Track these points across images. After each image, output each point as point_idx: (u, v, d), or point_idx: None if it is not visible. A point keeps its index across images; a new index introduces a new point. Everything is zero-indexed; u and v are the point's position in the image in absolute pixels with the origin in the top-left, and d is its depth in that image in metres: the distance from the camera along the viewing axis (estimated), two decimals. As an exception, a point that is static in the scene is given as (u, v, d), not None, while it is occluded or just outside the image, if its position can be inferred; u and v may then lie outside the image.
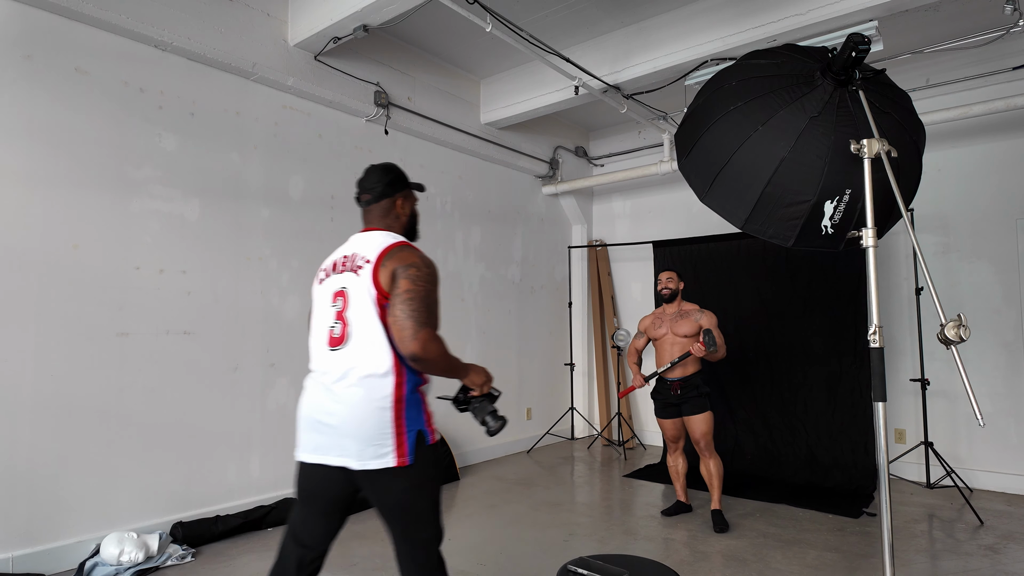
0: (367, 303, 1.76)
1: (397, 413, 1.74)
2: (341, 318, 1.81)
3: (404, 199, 2.00)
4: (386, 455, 1.71)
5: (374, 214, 1.98)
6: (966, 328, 1.53)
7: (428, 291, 1.76)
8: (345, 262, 1.88)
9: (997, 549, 3.32)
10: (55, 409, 3.01)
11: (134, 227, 3.34)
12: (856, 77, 1.83)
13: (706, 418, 3.74)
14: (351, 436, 1.73)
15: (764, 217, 1.91)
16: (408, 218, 2.02)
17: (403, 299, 1.71)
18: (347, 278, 1.84)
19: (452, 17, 4.24)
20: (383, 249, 1.82)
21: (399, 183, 1.99)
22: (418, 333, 1.68)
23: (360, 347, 1.76)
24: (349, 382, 1.76)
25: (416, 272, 1.76)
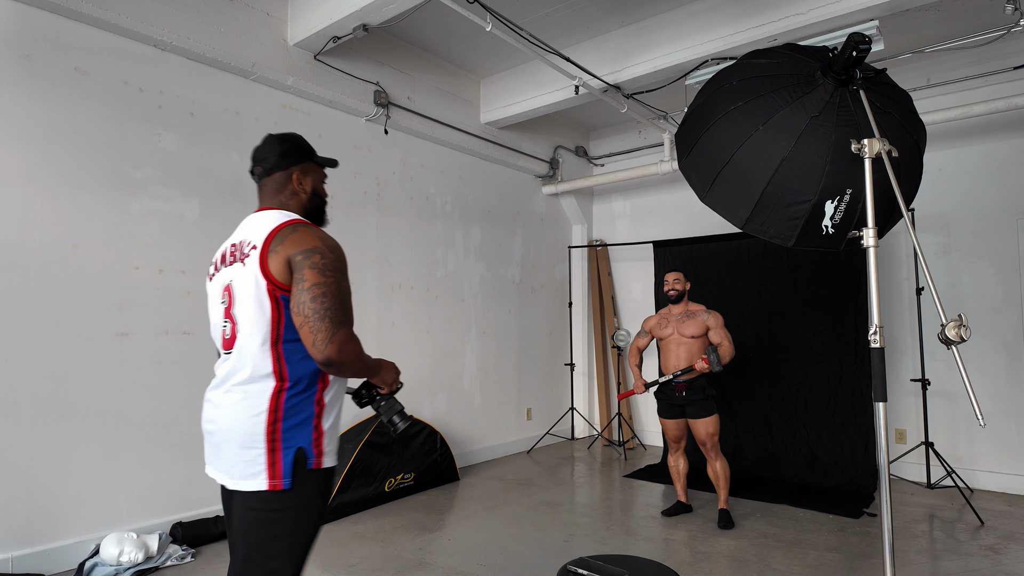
0: (253, 296, 1.49)
1: (271, 424, 1.46)
2: (229, 316, 1.55)
3: (303, 173, 1.68)
4: (258, 475, 1.45)
5: (267, 190, 1.67)
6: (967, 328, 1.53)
7: (339, 281, 1.50)
8: (233, 252, 1.59)
9: (998, 549, 3.32)
10: (55, 409, 3.01)
11: (134, 227, 3.33)
12: (857, 77, 1.82)
13: (712, 420, 3.72)
14: (225, 450, 1.50)
15: (765, 217, 1.91)
16: (309, 197, 1.69)
17: (312, 295, 1.45)
18: (234, 270, 1.56)
19: (452, 16, 4.24)
20: (271, 230, 1.53)
21: (297, 153, 1.67)
22: (334, 335, 1.43)
23: (243, 349, 1.50)
24: (226, 388, 1.52)
25: (322, 260, 1.48)
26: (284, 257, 1.48)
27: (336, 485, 3.79)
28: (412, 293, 4.90)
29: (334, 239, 1.57)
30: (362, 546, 3.36)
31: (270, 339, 1.49)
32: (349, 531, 3.59)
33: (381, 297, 4.65)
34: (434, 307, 5.09)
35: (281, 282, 1.48)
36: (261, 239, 1.52)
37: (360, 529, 3.63)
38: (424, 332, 4.99)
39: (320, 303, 1.45)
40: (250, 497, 1.47)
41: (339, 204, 4.37)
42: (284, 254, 1.48)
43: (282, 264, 1.48)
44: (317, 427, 1.52)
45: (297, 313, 1.46)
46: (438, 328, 5.12)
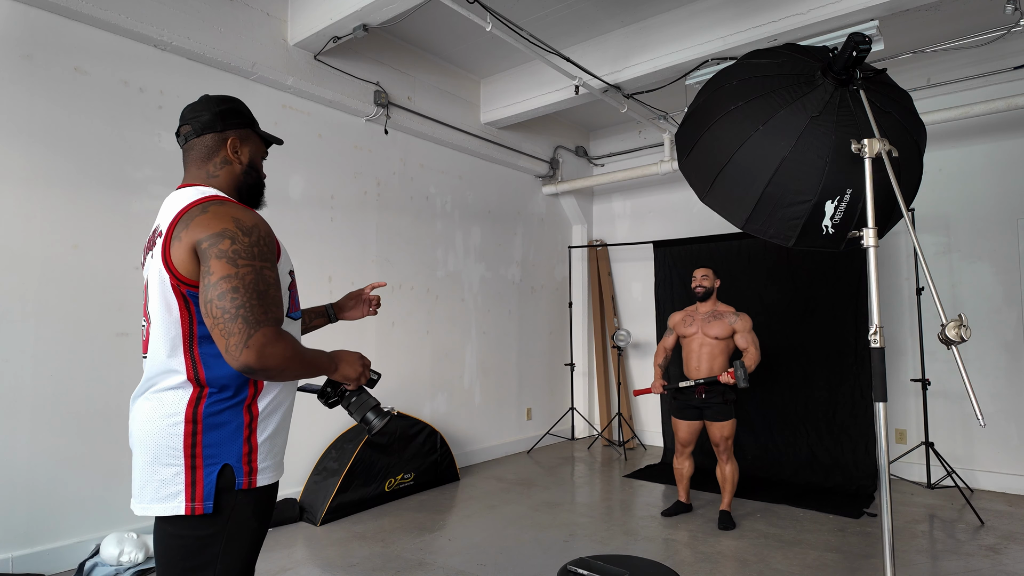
0: (159, 292, 1.26)
1: (190, 437, 1.24)
2: (145, 314, 1.33)
3: (240, 140, 1.42)
4: (175, 497, 1.23)
5: (193, 156, 1.39)
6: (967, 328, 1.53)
7: (257, 271, 1.22)
8: (149, 241, 1.36)
9: (998, 549, 3.32)
10: (55, 409, 3.01)
11: (134, 227, 3.33)
12: (857, 77, 1.82)
13: (730, 424, 3.67)
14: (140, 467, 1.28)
15: (765, 217, 1.91)
16: (244, 170, 1.43)
17: (220, 291, 1.18)
18: (148, 262, 1.34)
19: (452, 16, 4.24)
20: (178, 211, 1.27)
21: (234, 116, 1.41)
22: (251, 338, 1.17)
23: (153, 350, 1.29)
24: (143, 397, 1.31)
25: (232, 245, 1.21)
26: (189, 244, 1.22)
27: (336, 485, 3.79)
28: (412, 293, 4.90)
29: (257, 216, 1.31)
30: (362, 546, 3.36)
31: (182, 341, 1.26)
32: (349, 531, 3.59)
33: (381, 297, 4.65)
34: (434, 307, 5.09)
35: (186, 276, 1.23)
36: (167, 224, 1.27)
37: (360, 529, 3.63)
38: (424, 332, 4.99)
39: (230, 300, 1.18)
40: (169, 522, 1.25)
41: (339, 204, 4.37)
42: (189, 241, 1.22)
43: (187, 253, 1.22)
44: (249, 439, 1.29)
45: (206, 314, 1.20)
46: (438, 328, 5.12)
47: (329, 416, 4.19)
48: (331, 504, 3.74)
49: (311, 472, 4.00)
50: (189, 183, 1.37)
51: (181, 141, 1.41)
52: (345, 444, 4.06)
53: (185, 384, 1.26)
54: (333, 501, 3.76)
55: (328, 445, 4.14)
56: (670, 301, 5.55)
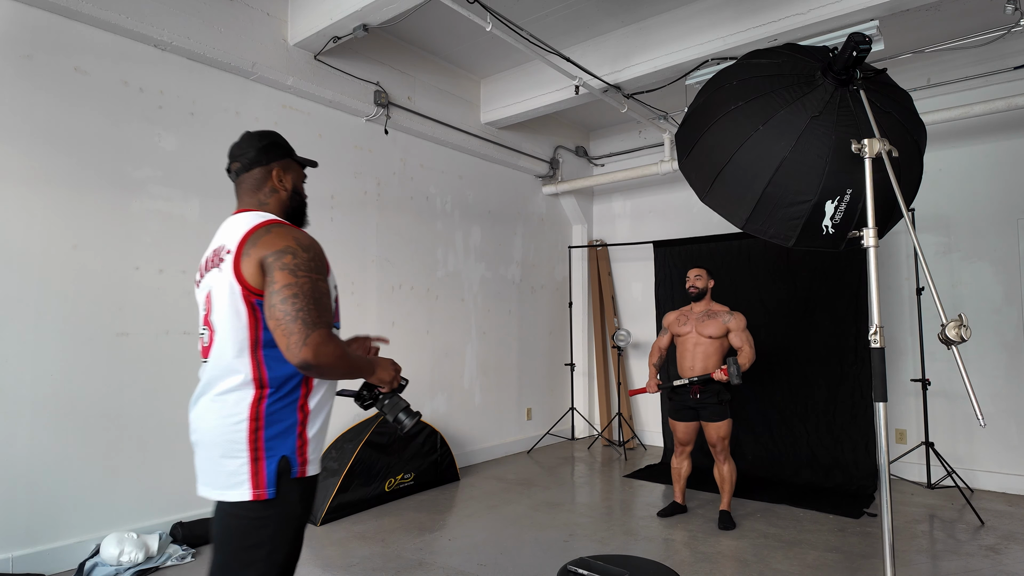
0: (228, 303, 1.45)
1: (252, 433, 1.42)
2: (207, 323, 1.52)
3: (283, 170, 1.62)
4: (241, 484, 1.41)
5: (244, 187, 1.61)
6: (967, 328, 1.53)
7: (313, 282, 1.43)
8: (213, 257, 1.54)
9: (998, 549, 3.32)
10: (55, 409, 3.01)
11: (134, 227, 3.33)
12: (857, 77, 1.82)
13: (725, 424, 3.67)
14: (207, 460, 1.46)
15: (765, 217, 1.91)
16: (290, 195, 1.64)
17: (282, 296, 1.38)
18: (212, 276, 1.52)
19: (452, 16, 4.24)
20: (245, 232, 1.47)
21: (276, 149, 1.62)
22: (308, 337, 1.36)
23: (221, 357, 1.46)
24: (207, 398, 1.48)
25: (293, 260, 1.42)
26: (256, 260, 1.43)
27: (336, 485, 3.79)
28: (412, 293, 4.90)
29: (311, 238, 1.51)
30: (362, 546, 3.36)
31: (248, 345, 1.44)
32: (349, 531, 3.59)
33: (381, 297, 4.65)
34: (434, 307, 5.09)
35: (255, 287, 1.43)
36: (235, 243, 1.47)
37: (360, 529, 3.63)
38: (424, 332, 4.99)
39: (292, 304, 1.38)
40: (232, 507, 1.43)
41: (339, 204, 4.37)
42: (256, 256, 1.43)
43: (255, 267, 1.43)
44: (301, 435, 1.47)
45: (270, 316, 1.40)
46: (438, 328, 5.12)
47: (329, 416, 4.18)
48: (331, 504, 3.74)
49: (311, 472, 4.00)
50: (245, 209, 1.60)
51: (232, 176, 1.63)
52: (345, 444, 4.06)
53: (248, 384, 1.44)
54: (333, 501, 3.76)
55: (328, 445, 4.14)
56: (670, 301, 5.55)
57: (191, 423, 1.53)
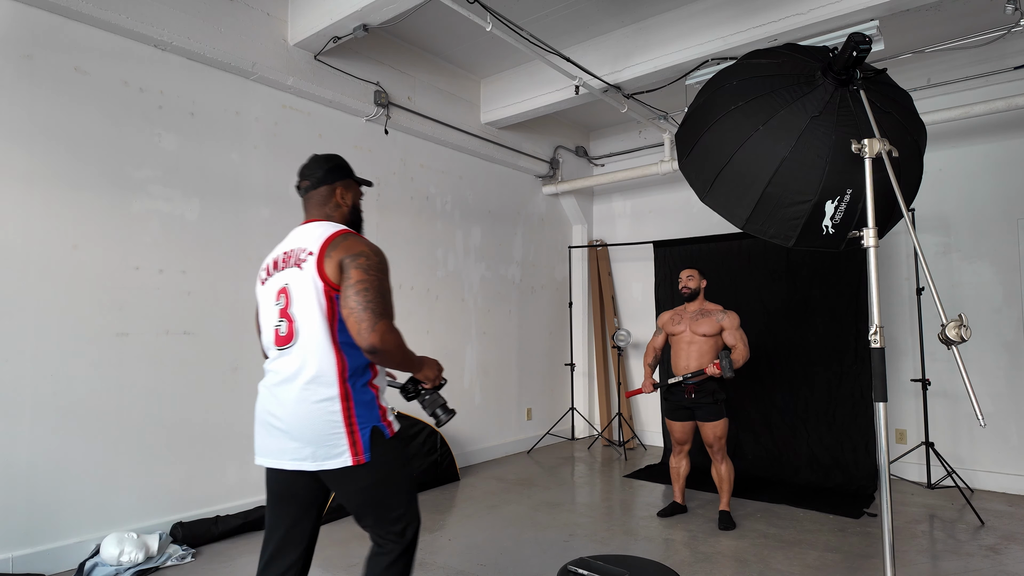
0: (312, 297, 1.69)
1: (346, 411, 1.69)
2: (286, 315, 1.74)
3: (345, 188, 1.92)
4: (341, 455, 1.69)
5: (313, 202, 1.89)
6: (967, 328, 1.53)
7: (381, 280, 1.69)
8: (287, 258, 1.80)
9: (998, 550, 3.32)
10: (55, 409, 3.01)
11: (134, 227, 3.33)
12: (857, 77, 1.82)
13: (721, 424, 3.67)
14: (303, 439, 1.69)
15: (765, 217, 1.91)
16: (350, 210, 1.94)
17: (356, 290, 1.64)
18: (290, 274, 1.76)
19: (452, 16, 4.23)
20: (326, 238, 1.74)
21: (339, 171, 1.92)
22: (376, 324, 1.62)
23: (306, 345, 1.70)
24: (296, 384, 1.70)
25: (366, 261, 1.69)
26: (337, 261, 1.69)
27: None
28: (412, 293, 4.90)
29: (378, 246, 1.77)
30: (362, 546, 3.36)
31: (331, 335, 1.69)
32: (349, 531, 3.59)
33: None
34: (434, 307, 5.09)
35: (335, 283, 1.68)
36: (317, 246, 1.73)
37: (360, 529, 3.62)
38: (424, 332, 4.99)
39: (364, 296, 1.64)
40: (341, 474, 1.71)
41: (339, 204, 4.37)
42: (337, 258, 1.69)
43: (335, 267, 1.69)
44: (379, 406, 1.76)
45: (344, 306, 1.66)
46: (438, 328, 5.12)
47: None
48: (331, 504, 3.74)
49: (311, 472, 4.00)
50: (315, 219, 1.88)
51: (301, 192, 1.91)
52: (345, 444, 4.06)
53: (334, 368, 1.69)
54: (333, 501, 3.76)
55: (328, 445, 4.14)
56: (670, 301, 5.54)
57: (269, 406, 1.76)
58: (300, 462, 1.71)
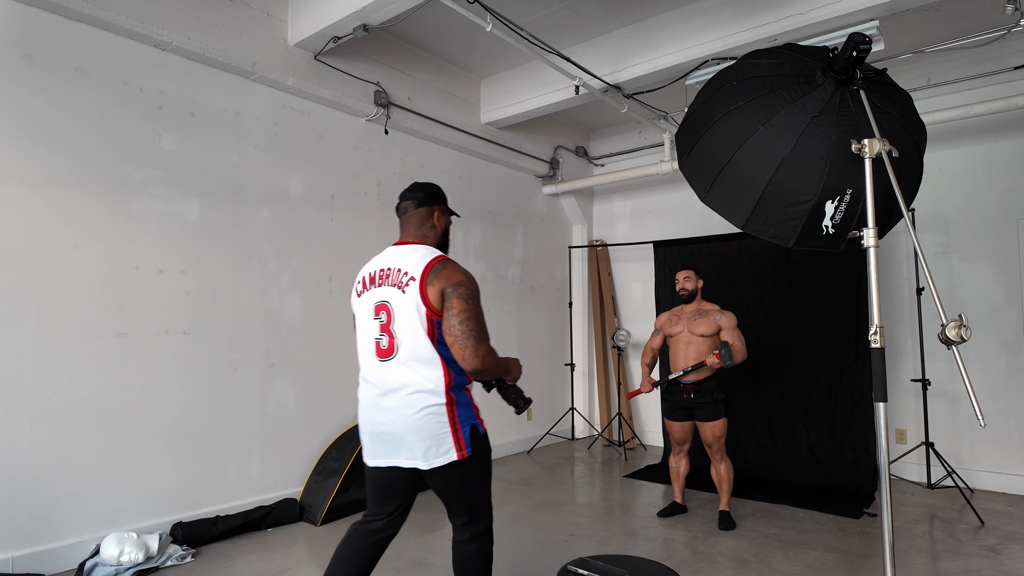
0: (415, 319, 1.92)
1: (451, 415, 1.94)
2: (387, 331, 1.96)
3: (441, 213, 2.14)
4: (448, 452, 1.93)
5: (412, 221, 2.11)
6: (967, 328, 1.53)
7: (477, 308, 1.94)
8: (385, 275, 2.01)
9: (998, 550, 3.32)
10: (55, 409, 3.01)
11: (134, 227, 3.33)
12: (857, 77, 1.82)
13: (720, 424, 3.67)
14: (414, 441, 1.94)
15: (765, 217, 1.91)
16: (442, 232, 2.16)
17: (460, 319, 1.88)
18: (390, 292, 1.97)
19: (452, 17, 4.24)
20: (426, 265, 1.94)
21: (439, 197, 2.15)
22: (478, 351, 1.87)
23: (409, 360, 1.93)
24: (403, 393, 1.94)
25: (465, 291, 1.92)
26: (439, 289, 1.90)
27: (337, 485, 3.79)
28: (412, 293, 4.90)
29: (471, 273, 1.96)
30: (362, 546, 3.36)
31: (435, 352, 1.91)
32: (349, 531, 3.59)
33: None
34: (434, 307, 5.08)
35: (437, 309, 1.90)
36: (419, 272, 1.93)
37: (360, 529, 3.63)
38: (424, 332, 4.98)
39: (466, 325, 1.87)
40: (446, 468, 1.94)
41: (339, 204, 4.37)
42: (439, 287, 1.90)
43: (437, 295, 1.90)
44: (474, 407, 2.01)
45: (448, 333, 1.89)
46: (438, 328, 5.11)
47: (329, 416, 4.20)
48: (331, 504, 3.74)
49: (311, 472, 4.00)
50: (410, 240, 2.09)
51: (400, 212, 2.14)
52: (345, 444, 4.06)
53: (440, 379, 1.92)
54: (333, 501, 3.76)
55: (328, 445, 4.14)
56: (670, 301, 5.54)
57: (377, 416, 1.99)
58: (414, 462, 1.96)
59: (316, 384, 4.15)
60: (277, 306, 3.95)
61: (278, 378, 3.94)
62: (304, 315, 4.09)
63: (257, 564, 3.12)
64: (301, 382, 4.06)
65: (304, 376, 4.08)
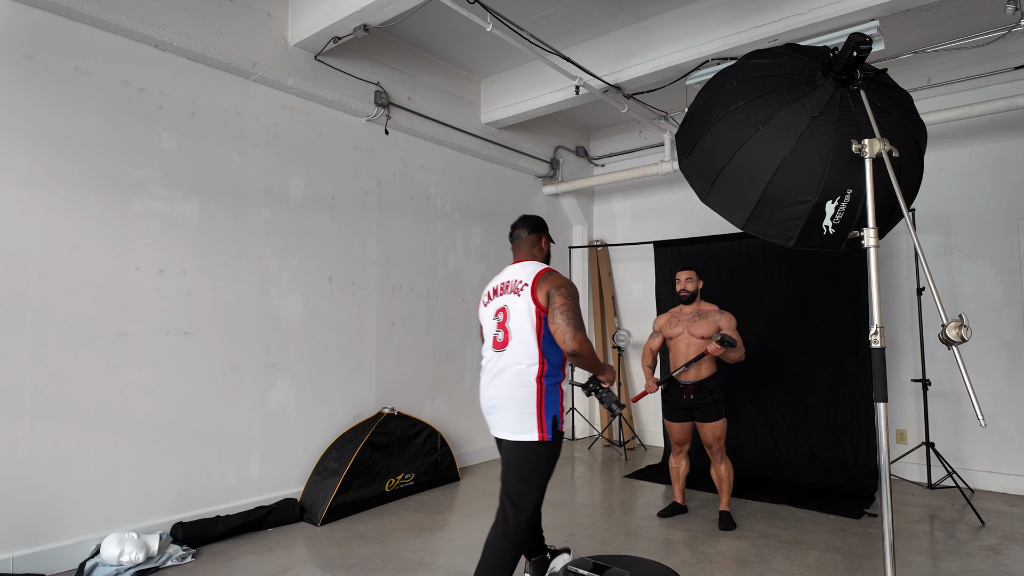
0: (526, 316, 2.38)
1: (539, 401, 2.34)
2: (503, 328, 2.45)
3: (546, 239, 2.70)
4: (529, 431, 2.33)
5: (524, 245, 2.65)
6: (967, 328, 1.53)
7: (576, 305, 2.37)
8: (505, 287, 2.52)
9: (998, 550, 3.32)
10: (55, 409, 3.01)
11: (134, 227, 3.33)
12: (857, 77, 1.82)
13: (720, 424, 3.67)
14: (509, 416, 2.37)
15: (765, 217, 1.91)
16: (547, 253, 2.68)
17: (561, 312, 2.32)
18: (508, 298, 2.47)
19: (452, 17, 4.24)
20: (537, 274, 2.44)
21: (544, 227, 2.70)
22: (576, 336, 2.29)
23: (516, 350, 2.38)
24: (506, 376, 2.39)
25: (566, 291, 2.37)
26: (546, 291, 2.37)
27: (337, 486, 3.79)
28: (412, 293, 4.90)
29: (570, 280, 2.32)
30: (363, 546, 3.36)
31: (537, 345, 2.36)
32: (350, 531, 3.59)
33: (381, 297, 4.65)
34: (435, 307, 5.09)
35: (544, 306, 2.36)
36: (531, 279, 2.43)
37: (361, 529, 3.63)
38: (425, 332, 4.99)
39: (566, 316, 2.32)
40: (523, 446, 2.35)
41: (340, 204, 4.38)
42: (546, 289, 2.37)
43: (544, 295, 2.36)
44: (560, 405, 2.40)
45: (552, 322, 2.34)
46: (438, 328, 5.12)
47: (329, 416, 4.20)
48: (331, 504, 3.74)
49: (311, 472, 4.01)
50: (523, 259, 2.61)
51: (515, 237, 2.67)
52: (345, 444, 4.07)
53: (534, 367, 2.36)
54: (334, 501, 3.76)
55: (328, 445, 4.14)
56: (670, 301, 5.53)
57: (486, 393, 2.47)
58: (507, 433, 2.39)
59: (316, 384, 4.15)
60: (277, 306, 3.95)
61: (278, 378, 3.94)
62: (304, 315, 4.09)
63: (257, 564, 3.12)
64: (301, 382, 4.06)
65: (304, 376, 4.08)
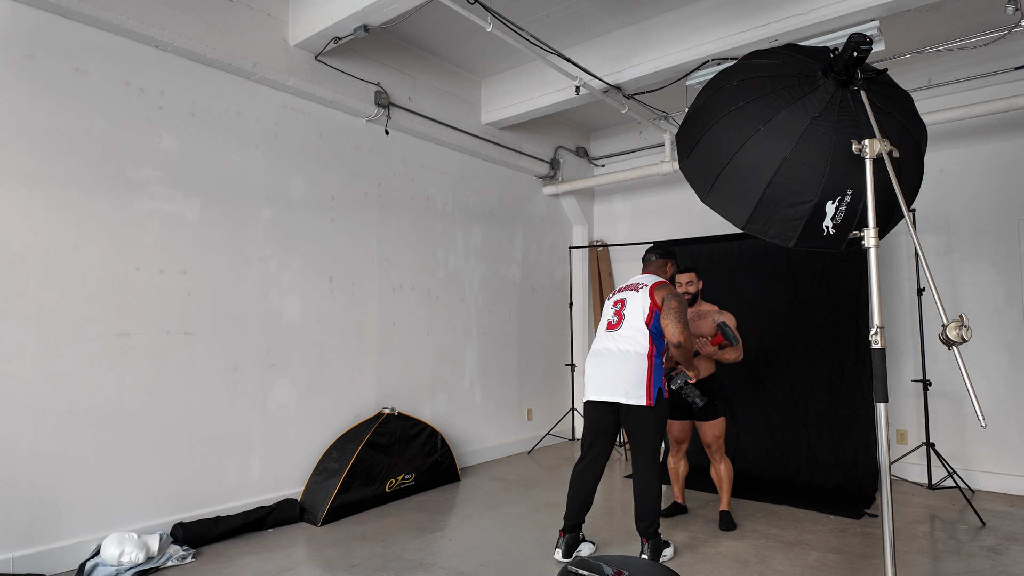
0: (640, 307, 3.16)
1: (649, 374, 3.05)
2: (619, 314, 3.23)
3: (672, 265, 3.49)
4: (641, 397, 3.03)
5: (654, 264, 3.47)
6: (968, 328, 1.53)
7: (685, 311, 3.12)
8: (627, 287, 3.30)
9: (999, 550, 3.32)
10: (55, 409, 3.01)
11: (134, 227, 3.33)
12: (858, 77, 1.82)
13: (719, 423, 3.68)
14: (623, 384, 3.06)
15: (765, 217, 1.91)
16: (671, 275, 3.51)
17: (672, 312, 3.09)
18: (627, 293, 3.26)
19: (453, 17, 4.24)
20: (656, 282, 3.24)
21: (672, 255, 3.51)
22: (681, 332, 3.05)
23: (630, 331, 3.14)
24: (621, 350, 3.11)
25: (678, 301, 3.13)
26: (661, 296, 3.15)
27: (337, 486, 3.80)
28: (413, 293, 4.90)
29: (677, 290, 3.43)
30: (363, 547, 3.36)
31: (647, 330, 3.11)
32: (350, 532, 3.59)
33: (381, 297, 4.65)
34: (435, 307, 5.09)
35: (658, 305, 3.14)
36: (650, 284, 3.22)
37: (361, 530, 3.63)
38: (425, 332, 4.99)
39: (674, 316, 3.08)
40: (635, 409, 3.07)
41: (340, 205, 4.38)
42: (661, 295, 3.16)
43: (660, 299, 3.15)
44: (661, 378, 3.10)
45: (665, 317, 3.10)
46: (439, 328, 5.12)
47: (330, 417, 4.20)
48: (332, 504, 3.74)
49: (312, 472, 4.01)
50: (649, 272, 3.44)
51: (647, 259, 3.51)
52: (346, 444, 4.07)
53: (647, 348, 3.09)
54: (334, 501, 3.76)
55: (329, 445, 4.14)
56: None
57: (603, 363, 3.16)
58: (618, 397, 3.07)
59: (316, 384, 4.15)
60: (277, 306, 3.95)
61: (278, 378, 3.94)
62: (305, 315, 4.09)
63: (258, 564, 3.12)
64: (301, 382, 4.06)
65: (304, 376, 4.08)
